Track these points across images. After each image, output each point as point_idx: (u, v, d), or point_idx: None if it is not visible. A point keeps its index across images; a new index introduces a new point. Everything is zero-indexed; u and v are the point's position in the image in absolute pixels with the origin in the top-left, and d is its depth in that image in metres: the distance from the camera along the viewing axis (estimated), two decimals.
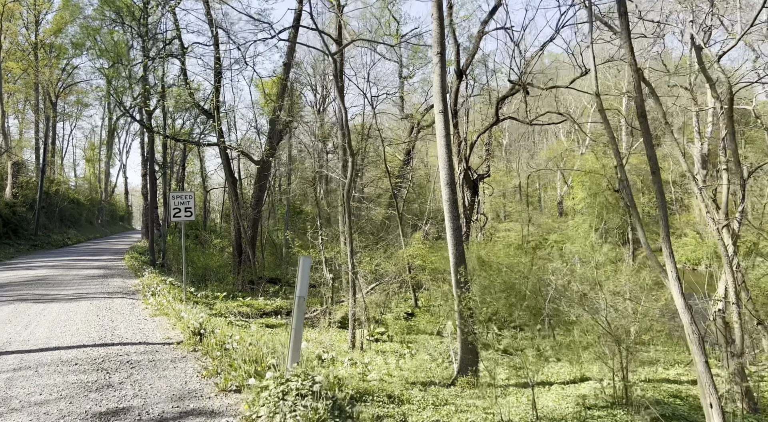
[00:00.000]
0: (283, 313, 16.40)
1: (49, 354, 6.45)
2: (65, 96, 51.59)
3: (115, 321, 8.81)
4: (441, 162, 7.85)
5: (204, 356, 6.25)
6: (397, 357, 9.34)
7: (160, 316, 9.37)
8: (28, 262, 21.86)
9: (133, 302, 11.25)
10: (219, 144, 19.10)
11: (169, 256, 26.90)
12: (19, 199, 33.85)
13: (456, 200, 7.74)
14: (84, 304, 10.70)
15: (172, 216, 12.78)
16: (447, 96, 7.93)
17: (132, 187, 74.25)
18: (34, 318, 9.06)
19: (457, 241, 7.72)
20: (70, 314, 9.46)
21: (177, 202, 12.79)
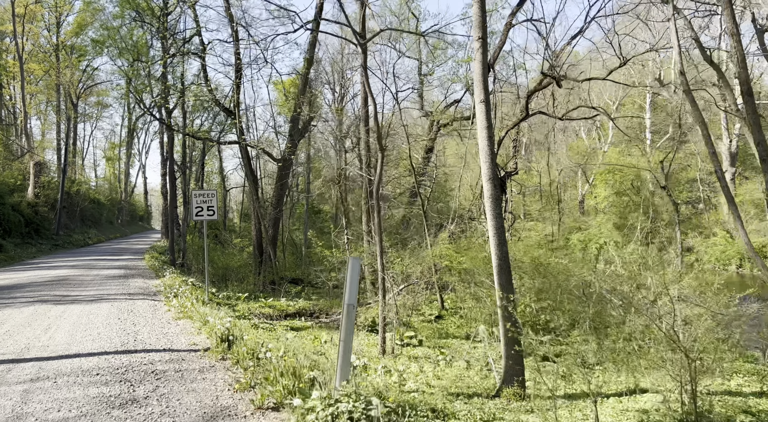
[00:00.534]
0: (306, 315, 15.93)
1: (69, 362, 6.00)
2: (86, 97, 51.89)
3: (138, 324, 8.37)
4: (483, 155, 7.28)
5: (234, 366, 5.74)
6: (433, 365, 8.78)
7: (183, 319, 8.91)
8: (49, 262, 21.68)
9: (155, 304, 10.84)
10: (240, 142, 18.68)
11: (189, 256, 26.63)
12: (41, 198, 33.89)
13: (499, 197, 7.17)
14: (105, 306, 10.30)
15: (194, 215, 12.36)
16: (488, 85, 7.35)
17: (151, 187, 74.60)
18: (54, 321, 8.66)
19: (501, 241, 7.15)
20: (91, 317, 9.05)
21: (199, 201, 12.37)
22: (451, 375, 7.94)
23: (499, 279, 7.08)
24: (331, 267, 16.73)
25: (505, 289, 7.09)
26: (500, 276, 7.08)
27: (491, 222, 7.15)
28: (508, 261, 7.15)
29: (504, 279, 7.07)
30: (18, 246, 26.26)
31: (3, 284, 14.08)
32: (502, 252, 7.12)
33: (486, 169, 7.19)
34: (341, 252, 15.29)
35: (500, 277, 7.08)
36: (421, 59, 32.08)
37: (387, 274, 9.98)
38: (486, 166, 7.19)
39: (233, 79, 18.29)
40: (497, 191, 7.20)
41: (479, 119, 7.26)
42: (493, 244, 7.15)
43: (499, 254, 7.11)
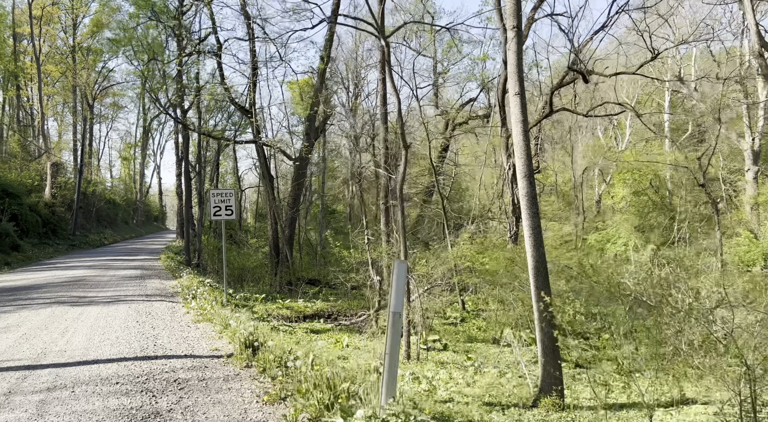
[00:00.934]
0: (324, 316, 15.60)
1: (87, 369, 5.69)
2: (101, 98, 52.11)
3: (157, 328, 8.07)
4: (518, 151, 6.87)
5: (261, 374, 5.39)
6: (462, 371, 8.39)
7: (203, 322, 8.60)
8: (66, 262, 21.57)
9: (173, 306, 10.55)
10: (256, 141, 18.39)
11: (205, 256, 26.43)
12: (57, 199, 33.94)
13: (535, 195, 6.76)
14: (123, 308, 10.03)
15: (211, 215, 12.06)
16: (523, 76, 6.94)
17: (165, 188, 74.87)
18: (72, 324, 8.39)
19: (538, 242, 6.74)
20: (109, 319, 8.77)
21: (217, 200, 12.07)
22: (483, 383, 7.54)
23: (535, 281, 6.67)
24: (349, 268, 16.39)
25: (542, 292, 6.68)
26: (537, 279, 6.67)
27: (527, 221, 6.74)
28: (545, 262, 6.74)
29: (541, 281, 6.66)
30: (35, 247, 26.23)
31: (20, 285, 13.90)
32: (539, 253, 6.71)
33: (521, 165, 6.78)
34: (359, 252, 14.93)
35: (537, 279, 6.67)
36: (436, 58, 31.71)
37: (411, 275, 9.59)
38: (521, 163, 6.78)
39: (249, 77, 18.02)
40: (533, 189, 6.79)
41: (514, 113, 6.86)
42: (529, 245, 6.74)
43: (536, 255, 6.70)
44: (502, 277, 12.48)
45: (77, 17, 42.67)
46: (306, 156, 18.75)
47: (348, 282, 15.80)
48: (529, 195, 6.75)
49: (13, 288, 13.25)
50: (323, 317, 15.50)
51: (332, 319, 15.44)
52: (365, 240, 13.32)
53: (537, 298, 6.66)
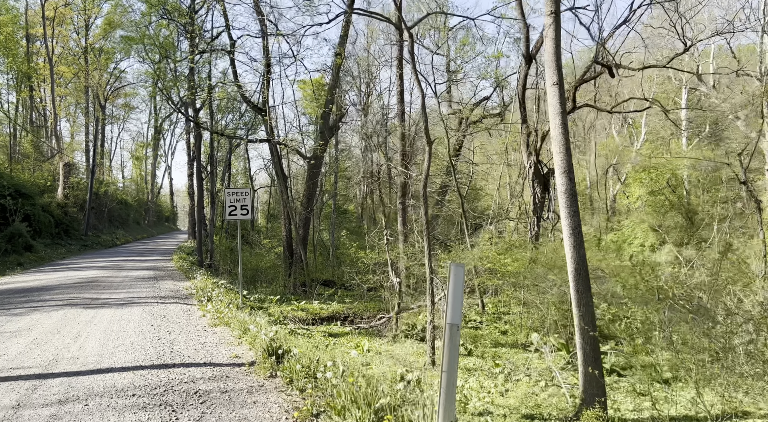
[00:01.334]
0: (340, 318, 15.21)
1: (101, 378, 5.31)
2: (113, 99, 52.21)
3: (172, 332, 7.69)
4: (556, 144, 6.42)
5: (287, 386, 4.97)
6: (492, 378, 7.94)
7: (220, 326, 8.22)
8: (78, 263, 21.34)
9: (188, 308, 10.19)
10: (270, 139, 18.03)
11: (217, 257, 26.16)
12: (70, 199, 33.85)
13: (575, 192, 6.30)
14: (136, 311, 9.68)
15: (227, 215, 11.71)
16: (561, 64, 6.48)
17: (176, 188, 74.91)
18: (84, 328, 8.04)
19: (578, 243, 6.29)
20: (123, 323, 8.41)
21: (233, 199, 11.71)
22: (517, 393, 7.08)
23: (576, 284, 6.22)
24: (365, 269, 15.99)
25: (583, 296, 6.22)
26: (577, 282, 6.22)
27: (567, 220, 6.29)
28: (586, 264, 6.29)
29: (582, 284, 6.22)
30: (48, 247, 26.07)
31: (33, 286, 13.62)
32: (579, 254, 6.26)
33: (560, 160, 6.34)
34: (376, 253, 14.50)
35: (577, 283, 6.22)
36: (449, 56, 31.22)
37: (436, 277, 9.15)
38: (560, 157, 6.34)
39: (262, 74, 17.66)
40: (573, 186, 6.34)
41: (552, 104, 6.41)
42: (568, 246, 6.29)
43: (577, 257, 6.24)
44: (526, 279, 12.01)
45: (89, 18, 42.71)
46: (321, 155, 18.36)
47: (364, 283, 15.40)
48: (569, 192, 6.30)
49: (26, 289, 12.97)
50: (339, 319, 15.10)
51: (349, 322, 15.05)
52: (384, 241, 12.88)
53: (578, 302, 6.21)
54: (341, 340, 10.92)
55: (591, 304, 6.27)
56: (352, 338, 11.15)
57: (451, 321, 3.30)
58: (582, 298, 6.25)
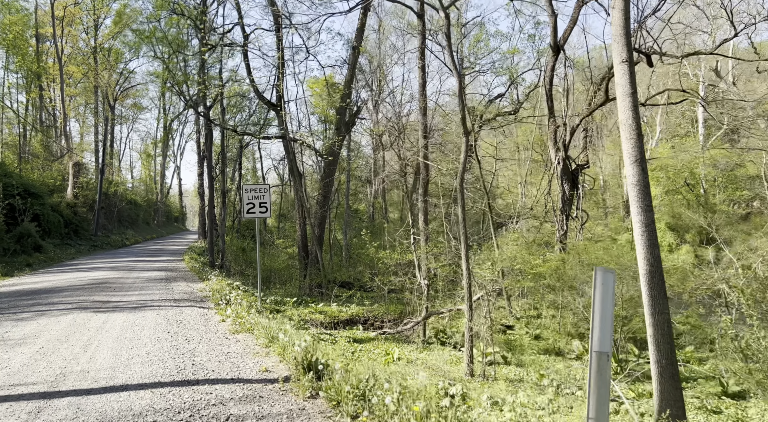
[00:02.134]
0: (359, 322, 14.45)
1: (115, 398, 4.57)
2: (122, 99, 51.80)
3: (191, 340, 6.95)
4: (626, 130, 5.64)
5: (334, 409, 4.20)
6: (541, 392, 7.15)
7: (242, 333, 7.47)
8: (88, 263, 20.70)
9: (205, 313, 9.45)
10: (285, 136, 17.30)
11: (228, 257, 25.49)
12: (79, 199, 33.27)
13: (648, 184, 5.51)
14: (150, 315, 8.95)
15: (244, 213, 10.97)
16: (630, 39, 5.68)
17: (185, 189, 74.47)
18: (95, 335, 7.31)
19: (652, 242, 5.51)
20: (136, 330, 7.68)
21: (251, 196, 10.98)
22: (580, 414, 6.28)
23: (650, 289, 5.44)
24: (386, 270, 15.25)
25: (658, 302, 5.44)
26: (651, 286, 5.44)
27: (639, 216, 5.52)
28: (661, 266, 5.50)
29: (657, 289, 5.44)
30: (57, 247, 25.47)
31: (41, 287, 12.94)
32: (653, 255, 5.48)
33: (631, 147, 5.56)
34: (398, 253, 13.72)
35: (651, 287, 5.44)
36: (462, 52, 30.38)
37: (473, 279, 8.37)
38: (631, 144, 5.56)
39: (277, 66, 16.92)
40: (645, 176, 5.56)
41: (621, 84, 5.64)
42: (641, 245, 5.51)
43: (651, 258, 5.47)
44: (559, 281, 11.22)
45: (99, 18, 42.29)
46: (337, 151, 17.62)
47: (385, 285, 14.64)
48: (641, 183, 5.52)
49: (34, 291, 12.28)
50: (359, 323, 14.37)
51: (369, 325, 14.31)
52: (409, 240, 12.11)
53: (652, 309, 5.43)
54: (367, 347, 10.15)
55: (667, 312, 5.48)
56: (378, 344, 10.38)
57: (599, 348, 2.49)
58: (657, 305, 5.46)
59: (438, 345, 10.55)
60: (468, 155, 8.79)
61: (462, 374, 8.11)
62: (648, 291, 5.47)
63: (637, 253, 5.61)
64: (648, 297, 5.47)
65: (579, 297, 10.77)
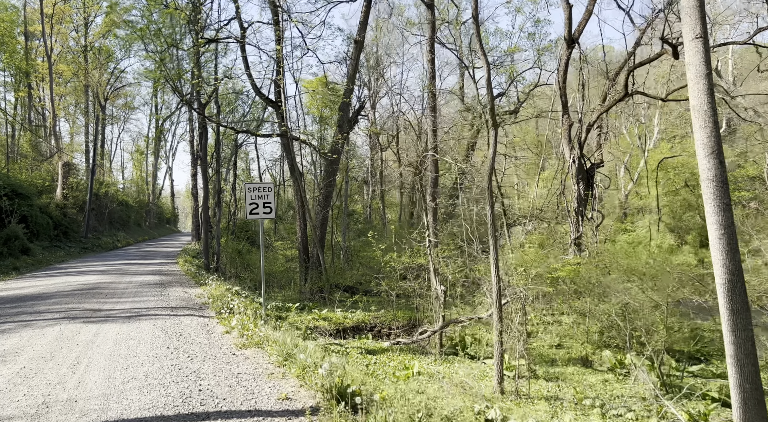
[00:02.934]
0: (366, 329, 13.63)
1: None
2: (113, 99, 50.68)
3: (195, 358, 6.10)
4: (699, 118, 4.87)
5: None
6: (583, 414, 6.37)
7: (251, 348, 6.63)
8: (78, 267, 19.71)
9: (206, 322, 8.59)
10: (285, 133, 16.43)
11: (223, 260, 24.57)
12: (69, 200, 32.15)
13: (726, 179, 4.76)
14: (146, 327, 8.08)
15: (247, 214, 10.11)
16: (705, 12, 4.92)
17: (177, 190, 73.21)
18: (85, 352, 6.44)
19: (731, 246, 4.76)
20: (131, 344, 6.81)
21: (254, 196, 10.11)
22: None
23: (730, 302, 4.67)
24: (392, 274, 14.44)
25: (740, 318, 4.68)
26: (732, 299, 4.68)
27: (715, 216, 4.75)
28: (742, 275, 4.75)
29: (738, 302, 4.68)
30: (46, 250, 24.41)
31: (27, 293, 11.99)
32: (733, 261, 4.73)
33: (706, 137, 4.80)
34: (408, 256, 12.90)
35: (732, 300, 4.68)
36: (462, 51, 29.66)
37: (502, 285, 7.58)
38: (706, 134, 4.80)
39: (275, 58, 16.06)
40: (723, 170, 4.81)
41: (694, 64, 4.88)
42: (718, 250, 4.74)
43: (731, 265, 4.71)
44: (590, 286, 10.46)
45: (89, 16, 41.27)
46: (340, 149, 16.78)
47: (392, 290, 13.84)
48: (718, 178, 4.75)
49: (19, 298, 11.34)
50: (365, 330, 13.56)
51: (377, 333, 13.50)
52: (426, 243, 11.31)
53: (732, 325, 4.67)
54: (381, 359, 9.33)
55: (750, 328, 4.72)
56: (393, 356, 9.56)
57: None
58: (738, 320, 4.69)
59: (457, 356, 9.75)
60: (496, 146, 8.00)
61: (491, 391, 7.31)
62: (728, 304, 4.70)
63: (713, 259, 4.84)
64: (728, 311, 4.70)
65: (603, 304, 10.04)
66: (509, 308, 8.23)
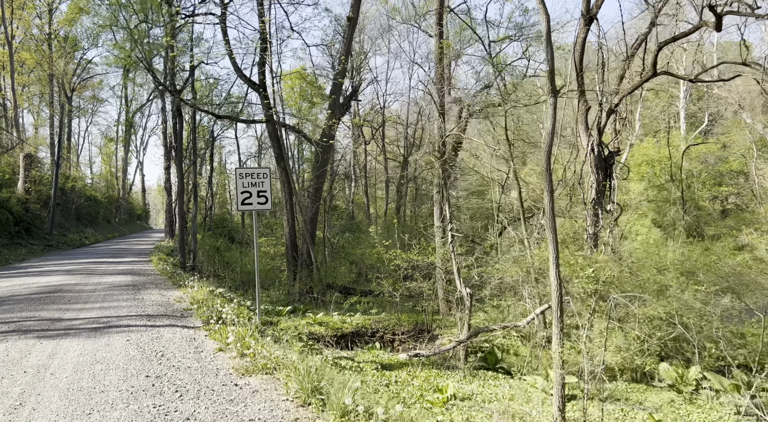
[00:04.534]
0: (367, 334, 12.10)
1: None
2: (81, 91, 47.85)
3: (185, 394, 4.47)
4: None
5: None
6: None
7: (257, 375, 5.03)
8: (40, 265, 17.61)
9: (191, 336, 6.92)
10: (270, 119, 14.72)
11: (200, 257, 22.67)
12: (32, 194, 29.56)
13: None
14: (118, 343, 6.38)
15: (239, 204, 8.44)
16: None
17: (148, 186, 70.10)
18: (34, 384, 4.75)
19: None
20: (98, 371, 5.13)
21: (246, 183, 8.45)
22: None
23: None
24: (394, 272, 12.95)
25: None
26: None
27: None
28: None
29: None
30: (5, 247, 22.11)
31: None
32: None
33: None
34: (417, 254, 11.38)
35: None
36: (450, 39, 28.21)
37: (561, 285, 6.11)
38: None
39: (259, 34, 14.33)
40: None
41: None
42: None
43: None
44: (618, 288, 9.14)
45: (53, 2, 38.66)
46: (332, 135, 15.13)
47: (396, 290, 12.32)
48: None
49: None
50: (366, 335, 12.03)
51: (379, 338, 11.98)
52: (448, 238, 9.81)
53: None
54: (401, 375, 7.80)
55: None
56: (413, 371, 8.02)
57: None
58: None
59: (488, 371, 8.31)
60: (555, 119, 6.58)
61: (551, 420, 5.88)
62: None
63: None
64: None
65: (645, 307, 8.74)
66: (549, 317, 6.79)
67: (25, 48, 38.73)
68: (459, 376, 7.84)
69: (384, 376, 7.57)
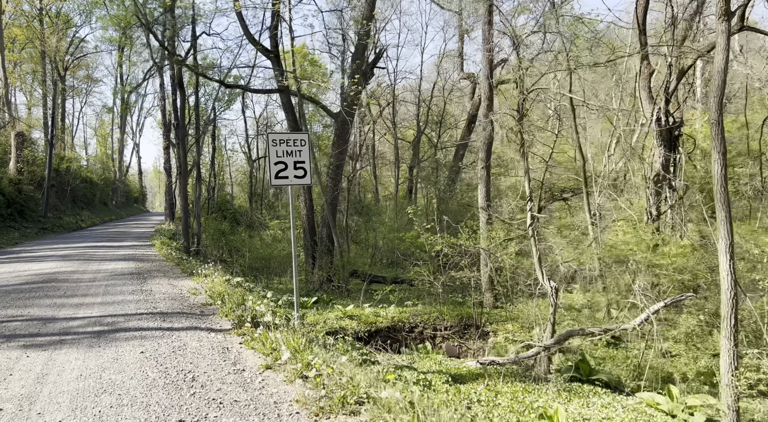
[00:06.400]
0: (405, 330, 10.54)
1: None
2: (74, 70, 45.52)
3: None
4: None
5: None
6: None
7: (340, 418, 3.44)
8: (34, 250, 15.84)
9: (222, 344, 5.28)
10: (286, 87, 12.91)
11: (205, 241, 20.98)
12: (25, 175, 27.56)
13: None
14: (129, 357, 4.73)
15: (271, 178, 6.71)
16: None
17: (145, 169, 67.88)
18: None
19: None
20: (106, 405, 3.50)
21: (280, 151, 6.71)
22: None
23: None
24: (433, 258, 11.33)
25: None
26: None
27: None
28: None
29: None
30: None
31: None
32: None
33: None
34: (466, 239, 9.74)
35: None
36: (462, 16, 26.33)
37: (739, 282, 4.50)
38: None
39: None
40: None
41: None
42: None
43: None
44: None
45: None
46: (355, 103, 13.34)
47: (437, 280, 10.71)
48: None
49: None
50: (403, 331, 10.49)
51: (419, 333, 10.44)
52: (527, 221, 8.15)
53: None
54: (478, 390, 6.19)
55: None
56: (494, 385, 6.42)
57: None
58: None
59: (582, 383, 6.73)
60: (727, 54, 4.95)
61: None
62: None
63: None
64: None
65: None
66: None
67: (16, 24, 36.47)
68: (551, 392, 6.24)
69: (460, 392, 5.96)
